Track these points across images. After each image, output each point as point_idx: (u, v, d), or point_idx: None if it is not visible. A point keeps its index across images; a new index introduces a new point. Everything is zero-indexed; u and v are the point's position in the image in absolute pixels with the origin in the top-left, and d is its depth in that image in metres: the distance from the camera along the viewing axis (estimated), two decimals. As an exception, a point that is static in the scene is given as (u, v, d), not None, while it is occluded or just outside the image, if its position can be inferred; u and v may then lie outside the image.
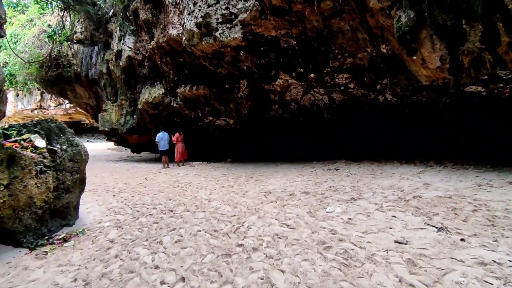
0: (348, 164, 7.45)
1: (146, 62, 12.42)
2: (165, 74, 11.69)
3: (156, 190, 6.20)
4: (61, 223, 3.84)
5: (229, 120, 11.42)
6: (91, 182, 7.71)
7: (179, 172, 9.25)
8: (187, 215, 4.26)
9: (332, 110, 9.42)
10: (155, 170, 10.50)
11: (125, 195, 5.74)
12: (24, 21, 32.16)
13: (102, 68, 16.84)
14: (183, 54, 10.47)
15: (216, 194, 5.47)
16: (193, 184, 6.71)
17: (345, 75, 7.74)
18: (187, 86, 10.96)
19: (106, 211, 4.60)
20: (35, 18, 28.52)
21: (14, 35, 31.73)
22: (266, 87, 9.65)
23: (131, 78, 14.04)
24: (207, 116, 11.73)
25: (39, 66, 18.81)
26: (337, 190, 4.88)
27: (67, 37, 19.09)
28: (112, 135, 15.76)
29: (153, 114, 12.80)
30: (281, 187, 5.66)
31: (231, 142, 12.53)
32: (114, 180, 8.08)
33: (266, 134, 11.39)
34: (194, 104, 11.48)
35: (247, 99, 10.29)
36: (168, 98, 11.83)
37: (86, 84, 19.64)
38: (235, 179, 7.07)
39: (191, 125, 12.49)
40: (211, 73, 10.15)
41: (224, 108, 11.04)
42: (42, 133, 3.81)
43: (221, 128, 11.93)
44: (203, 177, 7.83)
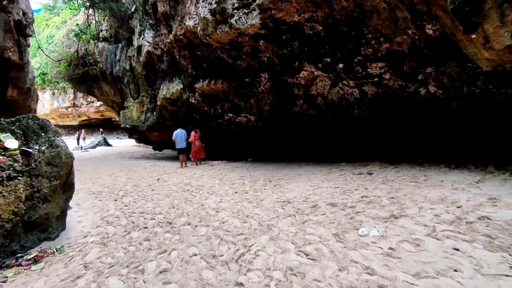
0: (383, 168, 6.39)
1: (165, 56, 11.98)
2: (184, 69, 11.15)
3: (163, 194, 5.59)
4: (40, 237, 3.29)
5: (250, 116, 10.66)
6: (101, 183, 7.32)
7: (195, 172, 8.65)
8: (186, 231, 3.55)
9: (363, 105, 8.35)
10: (172, 169, 10.00)
11: (127, 200, 5.18)
12: (59, 22, 33.46)
13: (125, 65, 16.78)
14: (201, 47, 9.84)
15: (226, 202, 4.72)
16: (205, 188, 6.02)
17: (380, 64, 6.66)
18: (205, 81, 10.33)
19: (99, 220, 4.03)
20: (68, 19, 29.48)
21: (49, 36, 33.15)
22: (289, 80, 8.77)
23: (151, 74, 13.72)
24: (227, 112, 11.05)
25: (67, 64, 19.17)
26: (371, 202, 3.94)
27: (93, 35, 19.32)
28: (134, 132, 15.60)
29: (172, 110, 12.35)
30: (302, 195, 4.80)
31: (252, 140, 11.77)
32: (126, 180, 7.63)
33: (289, 132, 10.50)
34: (213, 100, 10.84)
35: (269, 94, 9.46)
36: (186, 94, 11.29)
37: (111, 81, 19.81)
38: (251, 183, 6.30)
39: (211, 122, 11.88)
40: (230, 66, 9.43)
41: (244, 104, 10.29)
42: (18, 132, 3.28)
43: (241, 125, 11.21)
44: (218, 179, 7.14)
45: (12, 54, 13.21)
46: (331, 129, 9.44)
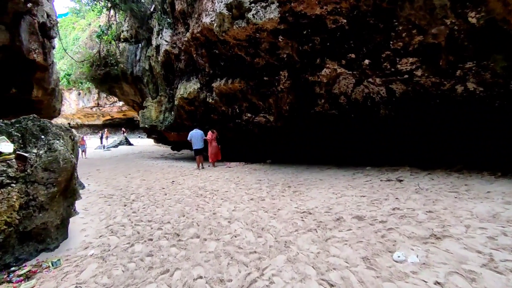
0: (414, 174, 5.77)
1: (182, 55, 11.78)
2: (201, 68, 10.90)
3: (175, 199, 5.28)
4: (37, 248, 3.05)
5: (268, 117, 10.24)
6: (115, 185, 7.15)
7: (211, 175, 8.34)
8: (194, 245, 3.18)
9: (390, 104, 7.71)
10: (188, 171, 9.76)
11: (137, 205, 4.91)
12: (84, 25, 34.50)
13: (145, 65, 16.86)
14: (218, 45, 9.53)
15: (240, 211, 4.33)
16: (219, 193, 5.66)
17: (411, 59, 6.03)
18: (222, 80, 10.01)
19: (104, 229, 3.77)
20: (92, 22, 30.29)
21: (75, 38, 34.23)
22: (310, 78, 8.26)
23: (169, 74, 13.61)
24: (245, 112, 10.68)
25: (90, 65, 19.55)
26: (405, 216, 3.41)
27: (114, 36, 19.58)
28: (152, 132, 15.59)
29: (189, 110, 12.14)
30: (324, 204, 4.32)
31: (271, 141, 11.34)
32: (140, 182, 7.44)
33: (310, 133, 9.98)
34: (230, 99, 10.51)
35: (289, 93, 9.00)
36: (203, 93, 11.03)
37: (131, 81, 20.03)
38: (269, 188, 5.87)
39: (229, 122, 11.56)
40: (248, 65, 9.05)
41: (263, 104, 9.87)
42: (16, 135, 3.05)
43: (260, 125, 10.80)
44: (234, 183, 6.77)
45: (37, 55, 13.49)
46: (355, 131, 8.84)
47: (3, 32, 11.52)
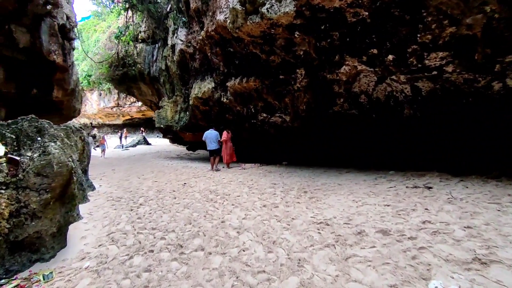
0: (444, 180, 5.21)
1: (197, 54, 11.59)
2: (215, 67, 10.65)
3: (183, 204, 5.01)
4: (31, 258, 2.84)
5: (285, 117, 9.86)
6: (126, 186, 7.00)
7: (224, 177, 8.05)
8: (197, 260, 2.87)
9: (415, 104, 7.15)
10: (202, 172, 9.53)
11: (143, 210, 4.67)
12: (105, 27, 35.29)
13: (161, 65, 16.89)
14: (232, 43, 9.24)
15: (251, 220, 3.99)
16: (230, 198, 5.35)
17: (441, 53, 5.47)
18: (237, 79, 9.71)
19: (104, 237, 3.53)
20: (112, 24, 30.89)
21: (97, 40, 35.08)
22: (329, 76, 7.82)
23: (184, 73, 13.49)
24: (260, 112, 10.34)
25: (108, 66, 19.84)
26: (438, 232, 2.95)
27: (132, 37, 19.77)
28: (168, 132, 15.54)
29: (204, 110, 11.93)
30: (344, 214, 3.90)
31: (287, 142, 10.94)
32: (152, 184, 7.25)
33: (328, 134, 9.51)
34: (245, 99, 10.20)
35: (305, 92, 8.58)
36: (218, 93, 10.78)
37: (149, 81, 20.19)
38: (284, 194, 5.49)
39: (244, 123, 11.25)
40: (263, 63, 8.70)
41: (279, 103, 9.50)
42: (10, 137, 2.85)
43: (276, 126, 10.43)
44: (247, 186, 6.44)
45: (57, 56, 13.72)
46: (376, 132, 8.30)
47: (24, 34, 11.74)
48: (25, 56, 12.45)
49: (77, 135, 5.93)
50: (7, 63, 11.82)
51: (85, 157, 6.20)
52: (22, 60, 12.41)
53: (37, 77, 13.45)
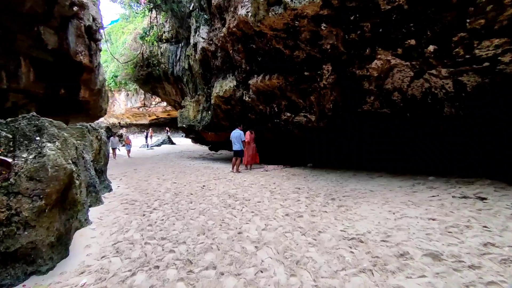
0: (500, 189, 4.45)
1: (218, 52, 11.30)
2: (237, 64, 10.30)
3: (199, 210, 4.64)
4: (26, 271, 2.57)
5: (310, 116, 9.31)
6: (143, 188, 6.79)
7: (246, 179, 7.65)
8: (207, 281, 2.46)
9: (458, 101, 6.39)
10: (223, 173, 9.20)
11: (157, 216, 4.36)
12: (132, 29, 36.17)
13: (184, 64, 16.85)
14: (254, 38, 8.84)
15: (271, 231, 3.54)
16: (250, 204, 4.93)
17: (496, 40, 4.72)
18: (259, 76, 9.29)
19: (109, 247, 3.23)
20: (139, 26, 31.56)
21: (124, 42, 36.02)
22: (358, 72, 7.21)
23: (207, 72, 13.27)
24: (284, 111, 9.86)
25: (134, 66, 20.15)
26: (509, 260, 2.36)
27: (157, 37, 19.96)
28: (190, 132, 15.43)
29: (226, 109, 11.63)
30: (380, 229, 3.35)
31: (313, 143, 10.37)
32: (170, 186, 7.00)
33: (357, 135, 8.86)
34: (268, 97, 9.76)
35: (332, 90, 8.00)
36: (240, 91, 10.42)
37: (173, 81, 20.30)
38: (309, 200, 4.99)
39: (267, 122, 10.81)
40: (287, 59, 8.22)
41: (304, 102, 8.97)
42: (5, 136, 2.61)
43: (301, 126, 9.90)
44: (269, 191, 5.99)
45: (83, 57, 13.99)
46: (411, 132, 7.57)
47: (52, 35, 12.01)
48: (53, 58, 12.77)
49: (94, 134, 5.77)
50: (36, 64, 12.16)
51: (101, 157, 6.05)
52: (51, 61, 12.74)
53: (65, 78, 13.79)
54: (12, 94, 11.72)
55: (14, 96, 11.87)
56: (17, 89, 11.49)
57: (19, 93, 11.87)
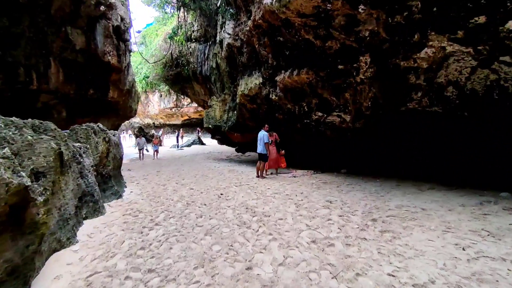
0: None
1: (244, 48, 10.55)
2: (264, 59, 9.46)
3: (207, 228, 3.84)
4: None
5: (344, 116, 8.24)
6: (157, 195, 6.17)
7: (270, 187, 6.80)
8: None
9: (537, 96, 5.07)
10: (246, 179, 8.43)
11: (155, 234, 3.61)
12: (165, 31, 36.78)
13: (212, 63, 16.42)
14: (281, 30, 7.97)
15: (291, 269, 2.65)
16: (270, 222, 4.06)
17: None
18: (287, 72, 8.39)
19: (81, 281, 2.51)
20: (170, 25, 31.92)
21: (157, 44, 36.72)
22: (403, 64, 6.09)
23: (233, 70, 12.60)
24: (315, 111, 8.86)
25: (163, 66, 20.11)
26: None
27: (186, 37, 19.77)
28: (216, 132, 14.87)
29: (252, 109, 10.85)
30: (449, 277, 2.32)
31: (348, 146, 9.25)
32: (185, 193, 6.34)
33: (399, 137, 7.65)
34: (297, 95, 8.82)
35: (371, 85, 6.90)
36: (266, 89, 9.58)
37: (201, 81, 20.01)
38: (343, 220, 4.01)
39: (295, 123, 9.87)
40: (318, 51, 7.25)
41: (337, 100, 7.93)
42: None
43: (333, 126, 8.85)
44: (295, 203, 5.08)
45: (111, 57, 13.97)
46: (468, 135, 6.27)
47: (80, 36, 12.00)
48: (83, 58, 12.83)
49: (100, 136, 5.26)
50: (65, 65, 12.24)
51: (109, 160, 5.52)
52: (80, 62, 12.80)
53: (93, 79, 13.85)
54: (43, 95, 11.87)
55: (45, 97, 12.02)
56: (47, 90, 11.60)
57: (49, 94, 12.00)
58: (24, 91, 10.88)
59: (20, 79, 10.39)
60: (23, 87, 10.71)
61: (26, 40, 10.30)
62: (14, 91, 10.64)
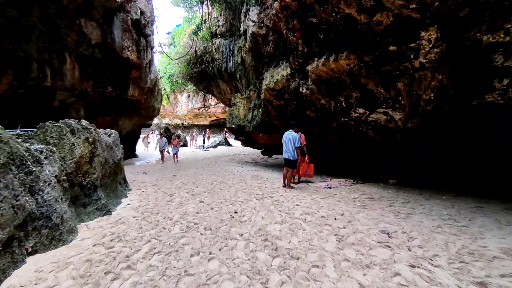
0: None
1: (270, 35, 9.13)
2: (292, 47, 7.98)
3: (200, 279, 2.50)
4: None
5: (393, 113, 6.57)
6: (156, 209, 4.93)
7: (299, 202, 5.33)
8: None
9: None
10: (270, 188, 7.02)
11: (127, 276, 2.36)
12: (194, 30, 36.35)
13: (237, 58, 15.25)
14: (314, 8, 6.49)
15: None
16: (298, 272, 2.60)
17: None
18: (321, 59, 6.86)
19: None
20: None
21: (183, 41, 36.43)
22: (486, 38, 4.40)
23: (258, 62, 11.22)
24: (355, 106, 7.25)
25: (187, 64, 19.27)
26: None
27: (211, 32, 18.85)
28: (240, 133, 13.57)
29: (278, 105, 9.39)
30: None
31: (397, 149, 7.51)
32: (193, 207, 5.06)
33: (470, 139, 5.85)
34: (333, 87, 7.25)
35: (436, 70, 5.20)
36: (295, 82, 8.09)
37: (227, 78, 19.01)
38: (420, 276, 2.46)
39: (331, 121, 8.29)
40: (362, 29, 5.67)
41: (385, 91, 6.26)
42: None
43: (378, 126, 7.20)
44: (335, 234, 3.56)
45: (130, 53, 13.18)
46: None
47: (95, 29, 11.23)
48: (100, 54, 12.12)
49: (82, 135, 4.10)
50: (82, 60, 11.56)
51: (94, 167, 4.35)
52: (98, 57, 12.10)
53: (112, 76, 13.13)
54: (59, 92, 11.23)
55: (61, 94, 11.38)
56: (62, 87, 10.94)
57: (65, 91, 11.36)
58: (38, 88, 10.24)
59: (33, 75, 9.73)
60: (36, 83, 10.07)
61: (38, 33, 9.62)
62: (27, 88, 10.04)
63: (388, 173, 7.63)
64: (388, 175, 7.54)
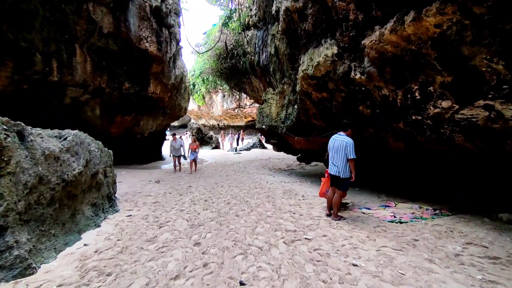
0: None
1: (309, 8, 6.91)
2: (340, 17, 5.67)
3: None
4: None
5: (504, 106, 4.03)
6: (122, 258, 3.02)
7: (356, 254, 3.14)
8: None
9: None
10: (308, 219, 4.83)
11: None
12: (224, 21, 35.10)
13: (271, 48, 13.29)
14: None
15: None
16: None
17: None
18: (387, 24, 4.49)
19: None
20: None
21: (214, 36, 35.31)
22: None
23: (293, 48, 9.04)
24: (436, 98, 4.80)
25: (216, 59, 17.66)
26: None
27: (243, 25, 17.10)
28: (271, 135, 11.44)
29: (320, 99, 7.11)
30: None
31: (502, 163, 4.88)
32: (177, 259, 3.11)
33: None
34: (403, 68, 4.84)
35: None
36: (343, 65, 5.79)
37: (260, 74, 17.11)
38: None
39: (395, 121, 5.87)
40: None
41: (506, 68, 3.72)
42: None
43: (473, 128, 4.71)
44: None
45: (149, 44, 11.67)
46: None
47: (106, 15, 9.76)
48: (115, 45, 10.77)
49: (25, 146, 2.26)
50: (95, 53, 10.26)
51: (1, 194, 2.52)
52: (113, 49, 10.77)
53: (130, 70, 11.76)
54: (70, 88, 9.99)
55: (73, 91, 10.12)
56: (72, 83, 9.67)
57: (77, 88, 10.10)
58: (44, 83, 8.99)
59: (36, 68, 8.46)
60: (41, 78, 8.81)
61: (41, 20, 8.32)
62: (32, 84, 8.82)
63: (492, 198, 5.00)
64: (490, 200, 4.92)
